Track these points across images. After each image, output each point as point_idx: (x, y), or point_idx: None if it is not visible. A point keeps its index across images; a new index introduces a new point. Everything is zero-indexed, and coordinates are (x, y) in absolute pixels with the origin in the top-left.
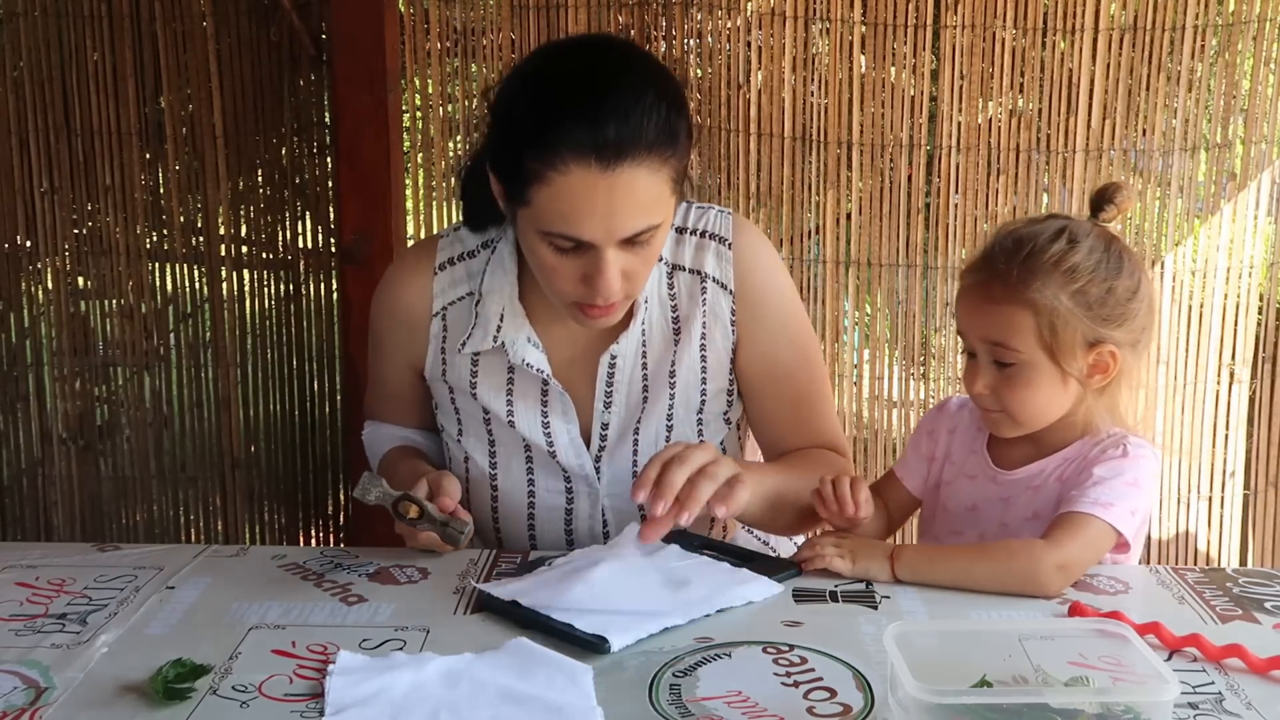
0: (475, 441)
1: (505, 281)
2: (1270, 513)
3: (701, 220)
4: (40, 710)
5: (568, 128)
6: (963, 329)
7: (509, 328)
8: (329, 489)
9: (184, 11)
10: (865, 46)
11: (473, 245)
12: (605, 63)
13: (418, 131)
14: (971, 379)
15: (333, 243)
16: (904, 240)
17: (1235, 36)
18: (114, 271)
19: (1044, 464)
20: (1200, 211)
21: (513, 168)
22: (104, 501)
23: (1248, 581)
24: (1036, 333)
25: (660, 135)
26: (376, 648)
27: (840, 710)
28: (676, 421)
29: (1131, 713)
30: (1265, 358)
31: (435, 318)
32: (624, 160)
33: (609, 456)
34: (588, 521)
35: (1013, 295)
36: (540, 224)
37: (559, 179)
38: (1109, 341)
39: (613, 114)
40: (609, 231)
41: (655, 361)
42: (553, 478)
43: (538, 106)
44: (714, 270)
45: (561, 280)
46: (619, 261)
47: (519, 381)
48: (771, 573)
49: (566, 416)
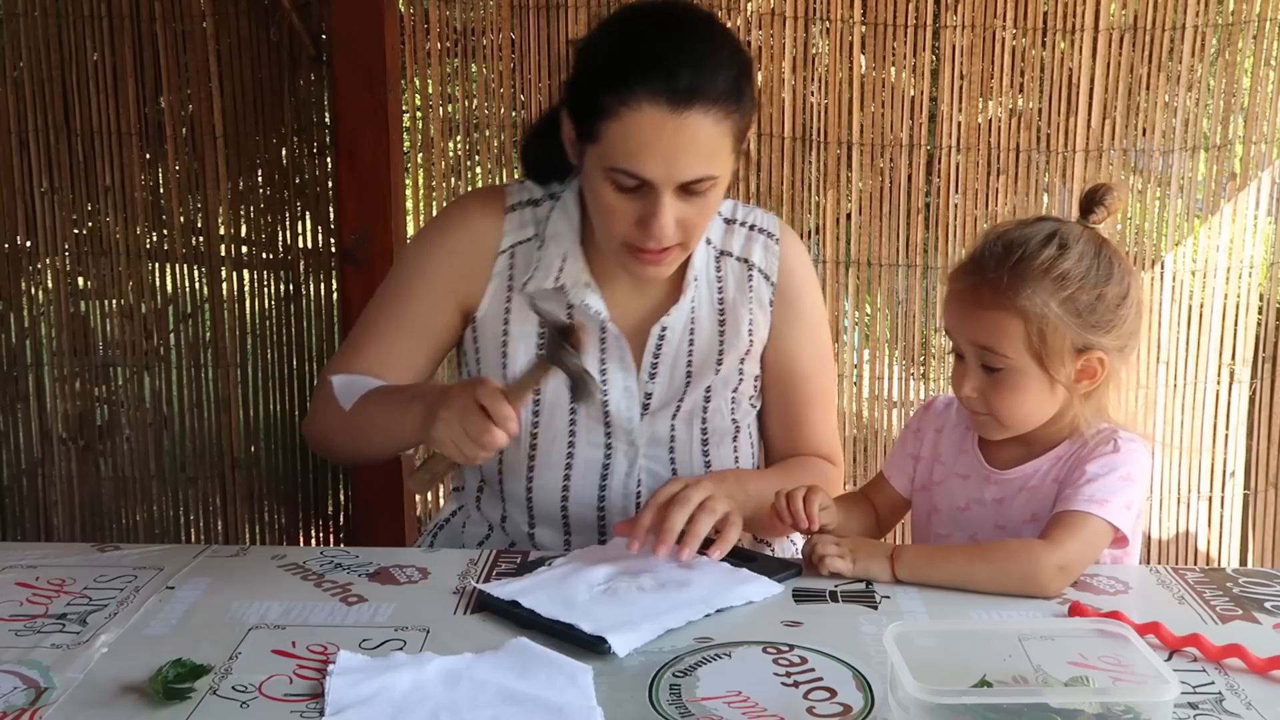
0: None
1: (569, 229)
2: (1270, 513)
3: (749, 215)
4: (40, 710)
5: (645, 68)
6: (951, 331)
7: (570, 270)
8: (329, 489)
9: (184, 12)
10: (865, 46)
11: (538, 194)
12: (688, 18)
13: (418, 131)
14: (959, 381)
15: (333, 243)
16: (904, 240)
17: (1235, 36)
18: (114, 271)
19: (1038, 464)
20: (1200, 211)
21: (588, 104)
22: (104, 502)
23: (1248, 581)
24: (1025, 339)
25: (728, 90)
26: (376, 648)
27: (840, 710)
28: (714, 397)
29: (1131, 713)
30: (1265, 358)
31: (503, 255)
32: (693, 106)
33: (649, 420)
34: (623, 480)
35: (1003, 301)
36: (606, 160)
37: (630, 115)
38: (1097, 348)
39: (688, 62)
40: (670, 172)
41: (703, 344)
42: (595, 428)
43: (620, 48)
44: (760, 261)
45: (618, 221)
46: (675, 208)
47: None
48: (772, 573)
49: (624, 364)
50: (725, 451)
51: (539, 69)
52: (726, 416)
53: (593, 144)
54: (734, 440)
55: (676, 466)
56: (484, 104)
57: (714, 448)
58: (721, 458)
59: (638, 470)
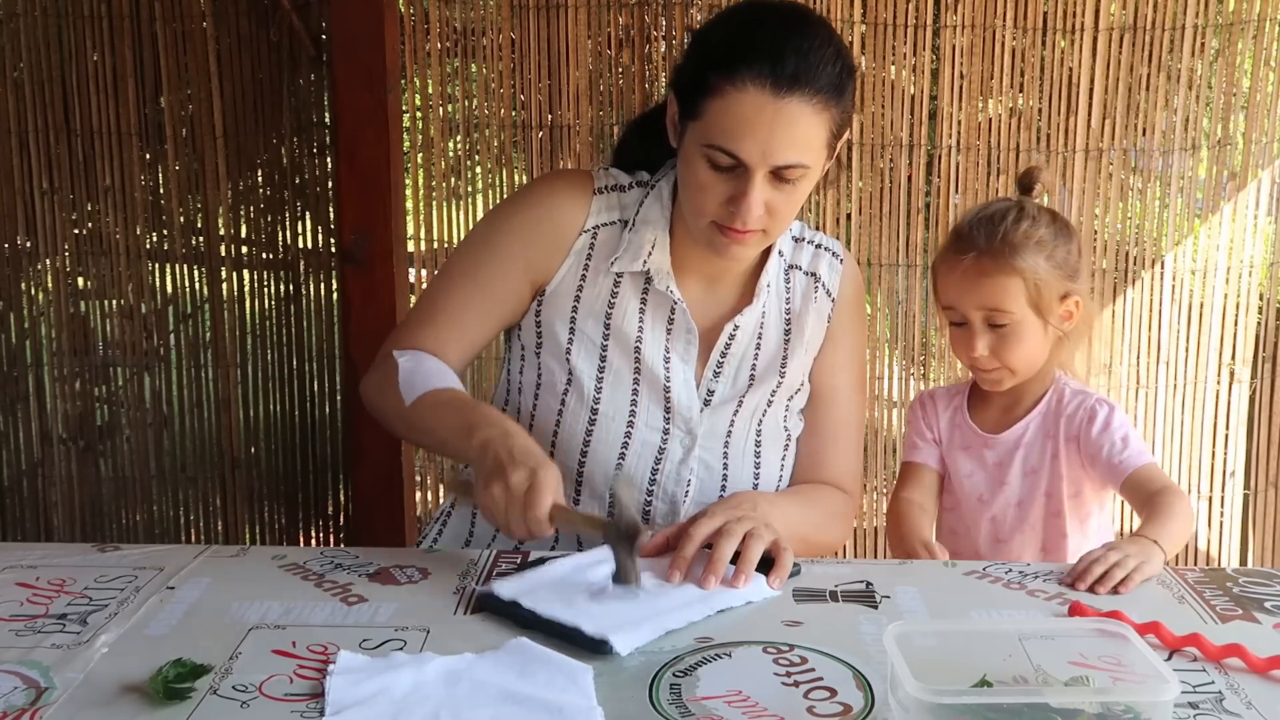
0: (585, 363)
1: (661, 216)
2: (1270, 513)
3: (817, 236)
4: (40, 710)
5: (754, 49)
6: (953, 302)
7: (658, 256)
8: (329, 489)
9: (184, 12)
10: (865, 46)
11: (625, 181)
12: (803, 15)
13: (418, 131)
14: (968, 345)
15: (333, 243)
16: (904, 240)
17: (1235, 36)
18: (114, 272)
19: (1026, 421)
20: (1200, 211)
21: (695, 82)
22: (104, 502)
23: (1248, 581)
24: (1026, 295)
25: (830, 83)
26: (376, 648)
27: (840, 710)
28: (775, 402)
29: (1131, 712)
30: (1265, 358)
31: (585, 234)
32: (795, 92)
33: (710, 413)
34: (676, 468)
35: (1005, 267)
36: (705, 137)
37: (734, 93)
38: (1075, 293)
39: (795, 50)
40: (765, 154)
41: (769, 349)
42: (655, 413)
43: (732, 31)
44: (825, 277)
45: (708, 198)
46: (765, 191)
47: (651, 309)
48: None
49: (688, 354)
50: (774, 456)
51: (539, 69)
52: (781, 423)
53: (695, 120)
54: (784, 448)
55: (728, 463)
56: (484, 104)
57: (765, 451)
58: (769, 461)
59: (692, 459)
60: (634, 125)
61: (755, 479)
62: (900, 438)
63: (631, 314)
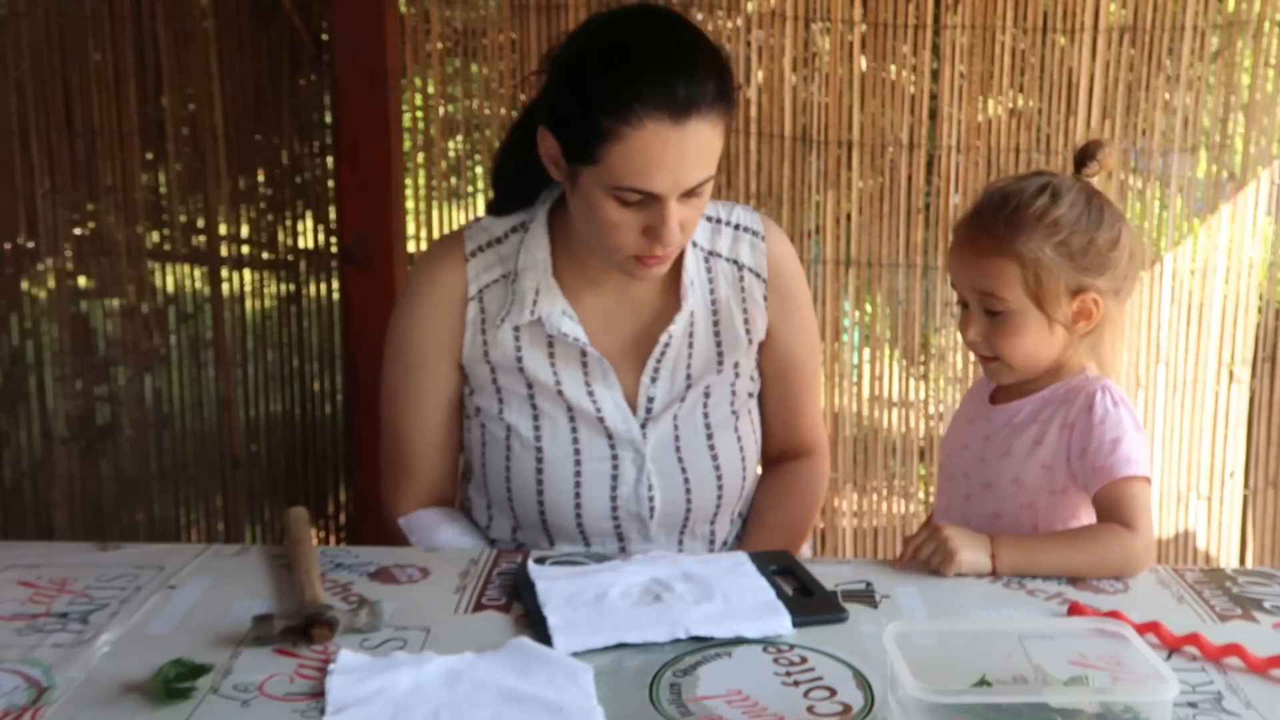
0: (519, 415)
1: (539, 258)
2: (1270, 513)
3: (731, 214)
4: (41, 709)
5: (643, 86)
6: (955, 280)
7: (544, 301)
8: (329, 489)
9: (185, 12)
10: (866, 46)
11: (499, 231)
12: (665, 24)
13: (418, 131)
14: (965, 327)
15: (333, 243)
16: (904, 240)
17: (1235, 36)
18: (115, 271)
19: (1022, 403)
20: (1200, 211)
21: (583, 128)
22: (105, 501)
23: (1247, 581)
24: (1023, 282)
25: (718, 92)
26: (377, 647)
27: (840, 710)
28: (714, 393)
29: (1131, 712)
30: (1265, 357)
31: (472, 301)
32: (692, 115)
33: (654, 425)
34: (633, 488)
35: (1000, 248)
36: (610, 180)
37: (634, 135)
38: (1091, 290)
39: (682, 73)
40: (677, 183)
41: (702, 347)
42: (598, 443)
43: (611, 68)
44: (749, 261)
45: (622, 235)
46: (679, 212)
47: (559, 351)
48: (815, 612)
49: (608, 383)
50: (728, 439)
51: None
52: (726, 408)
53: (592, 165)
54: (735, 429)
55: (685, 465)
56: (484, 104)
57: (717, 438)
58: (725, 447)
59: (646, 475)
60: (506, 164)
61: (716, 469)
62: (900, 439)
63: (542, 362)
